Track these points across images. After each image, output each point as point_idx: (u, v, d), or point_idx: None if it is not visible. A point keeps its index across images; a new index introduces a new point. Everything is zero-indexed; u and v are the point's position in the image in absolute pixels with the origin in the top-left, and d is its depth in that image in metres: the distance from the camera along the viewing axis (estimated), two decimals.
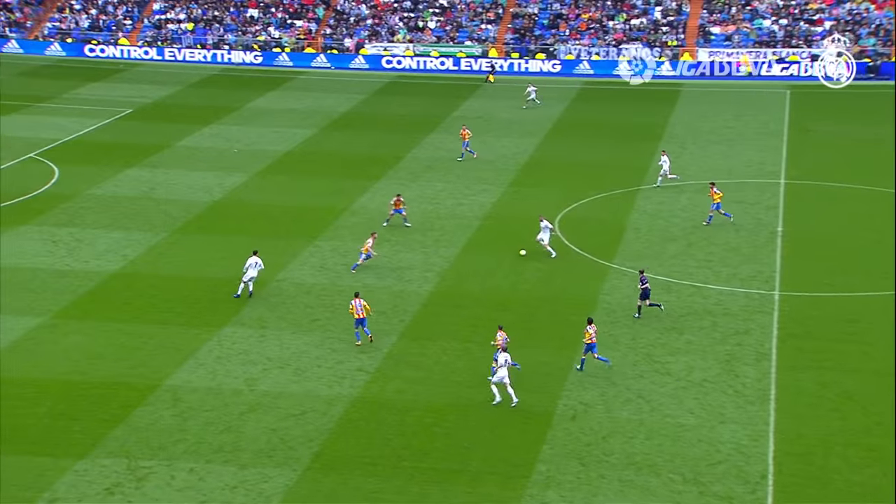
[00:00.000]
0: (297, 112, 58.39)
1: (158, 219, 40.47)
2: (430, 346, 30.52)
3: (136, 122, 55.32)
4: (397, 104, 61.04)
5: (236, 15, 74.60)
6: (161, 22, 73.96)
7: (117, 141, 51.62)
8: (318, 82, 66.25)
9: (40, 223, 39.35)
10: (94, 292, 33.63)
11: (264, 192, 43.61)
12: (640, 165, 47.64)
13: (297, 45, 72.14)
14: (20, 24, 73.17)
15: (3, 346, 29.65)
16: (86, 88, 62.47)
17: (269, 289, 34.21)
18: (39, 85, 62.83)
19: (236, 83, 65.59)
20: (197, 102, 60.24)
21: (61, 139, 51.08)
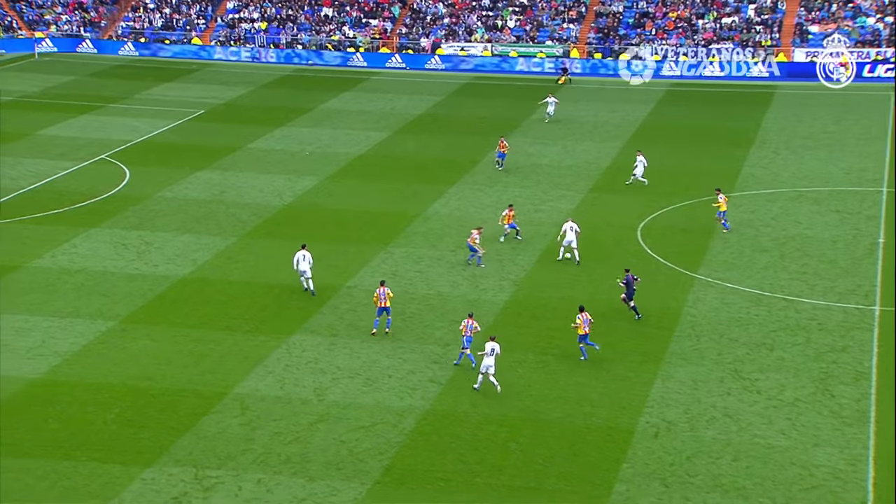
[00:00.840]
0: (371, 114, 58.89)
1: (228, 222, 41.19)
2: (505, 356, 30.38)
3: (207, 124, 56.45)
4: (474, 106, 61.13)
5: (310, 13, 75.66)
6: (234, 21, 75.41)
7: (188, 142, 52.73)
8: (392, 83, 66.78)
9: (111, 226, 40.37)
10: (163, 297, 34.36)
11: (335, 197, 44.05)
12: (730, 172, 46.86)
13: (371, 45, 72.83)
14: (94, 23, 75.35)
15: (74, 350, 30.47)
16: (158, 89, 64.00)
17: (339, 296, 34.52)
18: (112, 85, 64.58)
19: (309, 83, 66.48)
20: (269, 103, 61.22)
21: (133, 140, 52.37)
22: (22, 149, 50.34)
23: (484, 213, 42.68)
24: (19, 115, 56.32)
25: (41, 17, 75.00)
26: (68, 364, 29.63)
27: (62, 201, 42.58)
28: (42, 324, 31.90)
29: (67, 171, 46.88)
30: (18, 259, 36.65)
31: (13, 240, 38.65)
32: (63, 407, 27.46)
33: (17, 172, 46.54)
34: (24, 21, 74.62)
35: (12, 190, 43.83)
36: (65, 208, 41.63)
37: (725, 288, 34.88)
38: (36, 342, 30.77)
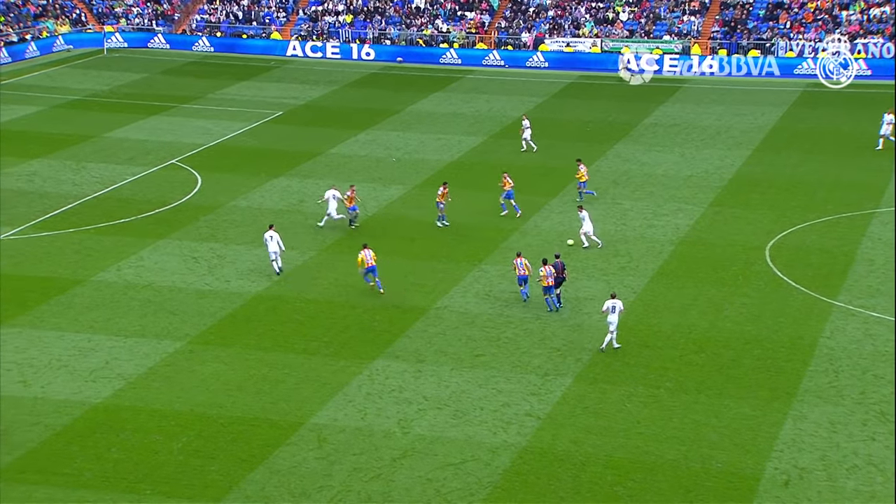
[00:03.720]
0: (465, 116, 59.23)
1: (307, 235, 41.87)
2: (611, 390, 30.17)
3: (285, 126, 57.54)
4: (580, 108, 60.98)
5: (400, 5, 76.61)
6: (317, 14, 76.82)
7: (265, 147, 53.81)
8: (489, 83, 67.07)
9: (180, 237, 41.42)
10: (236, 316, 35.08)
11: (424, 208, 44.36)
12: (876, 185, 45.70)
13: (466, 41, 73.33)
14: (167, 16, 77.55)
15: (139, 372, 31.30)
16: (233, 88, 65.53)
17: (427, 318, 34.76)
18: (184, 84, 66.38)
19: (397, 83, 67.25)
20: (353, 104, 62.13)
21: (205, 144, 53.69)
22: (87, 152, 52.05)
23: None
24: (86, 116, 58.28)
25: (111, 9, 77.54)
26: (133, 388, 30.46)
27: (129, 210, 43.87)
28: (106, 343, 32.87)
29: (135, 178, 48.29)
30: (82, 272, 37.87)
31: (77, 251, 39.96)
32: (127, 435, 28.21)
33: (82, 178, 48.14)
34: (93, 14, 77.28)
35: (76, 197, 45.35)
36: (131, 217, 42.91)
37: (869, 317, 33.99)
38: (99, 363, 31.72)
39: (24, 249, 40.01)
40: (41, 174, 48.42)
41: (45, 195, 45.62)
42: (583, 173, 44.65)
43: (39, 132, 55.16)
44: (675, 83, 65.72)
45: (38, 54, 71.65)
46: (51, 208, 43.74)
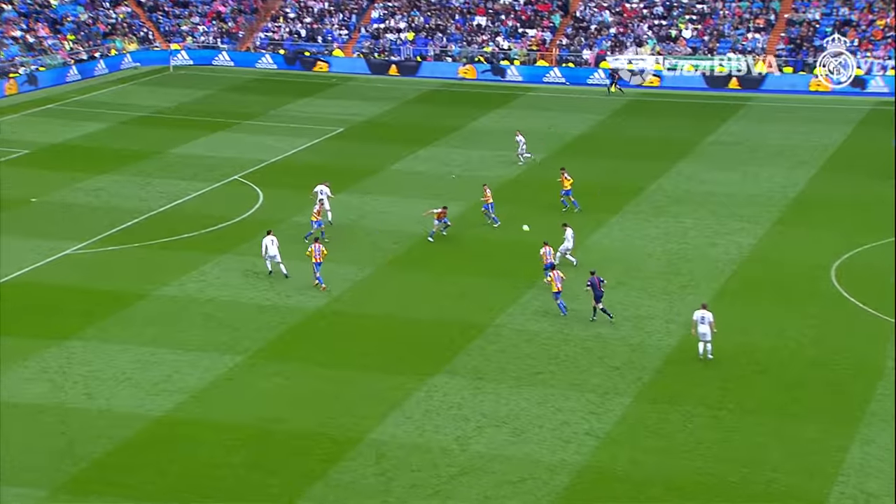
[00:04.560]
0: (526, 134, 59.13)
1: (366, 251, 42.11)
2: (672, 410, 29.90)
3: (346, 143, 58.00)
4: (641, 126, 60.70)
5: (462, 23, 76.93)
6: (379, 31, 77.42)
7: (326, 163, 54.25)
8: (549, 100, 67.04)
9: (242, 252, 41.86)
10: (295, 330, 35.36)
11: (484, 225, 44.42)
12: None
13: (528, 58, 73.41)
14: (232, 34, 78.69)
15: (201, 386, 31.65)
16: (295, 105, 66.22)
17: (486, 335, 34.75)
18: (248, 100, 67.23)
19: (458, 99, 67.48)
20: (413, 121, 62.44)
21: (267, 160, 54.28)
22: (153, 168, 52.89)
23: (651, 245, 42.20)
24: (151, 132, 59.27)
25: (178, 27, 78.85)
26: (195, 401, 30.82)
27: (192, 225, 44.47)
28: (168, 357, 33.32)
29: (198, 193, 48.95)
30: (146, 286, 38.46)
31: (141, 265, 40.60)
32: (188, 448, 28.52)
33: (147, 193, 48.92)
34: (160, 32, 78.65)
35: (142, 212, 46.08)
36: (194, 233, 43.50)
37: None
38: (161, 377, 32.14)
39: (92, 263, 40.74)
40: (108, 189, 49.30)
41: (111, 210, 46.44)
42: (566, 180, 45.37)
43: (107, 148, 56.18)
44: (740, 101, 65.15)
45: (107, 72, 73.05)
46: (117, 223, 44.50)
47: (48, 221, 44.75)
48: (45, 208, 46.43)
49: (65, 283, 38.77)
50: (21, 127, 59.67)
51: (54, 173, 51.15)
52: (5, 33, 70.96)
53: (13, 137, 57.30)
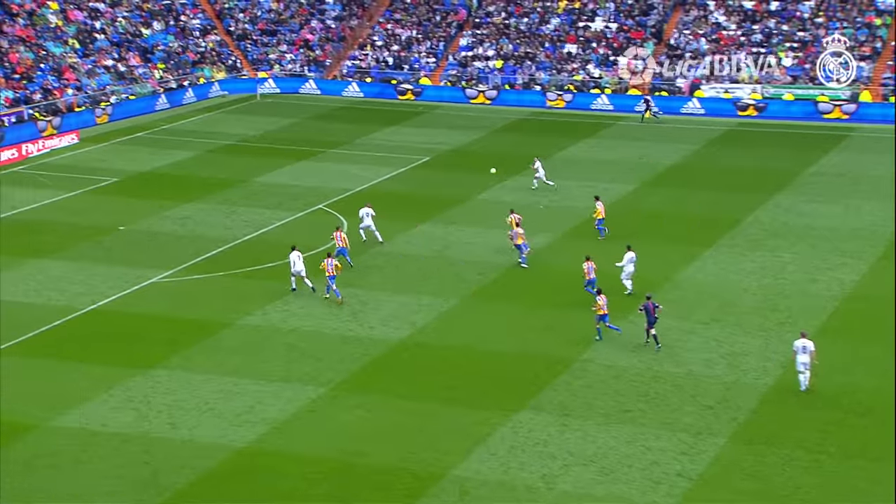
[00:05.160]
0: (615, 164, 59.00)
1: (450, 282, 42.27)
2: (768, 452, 29.33)
3: (432, 172, 58.41)
4: (738, 156, 60.03)
5: (551, 51, 77.09)
6: (467, 59, 77.98)
7: (411, 192, 54.69)
8: (641, 129, 66.71)
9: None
10: (378, 362, 35.59)
11: (570, 257, 44.19)
12: None
13: (619, 86, 73.20)
14: (319, 62, 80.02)
15: (283, 417, 31.97)
16: (381, 133, 66.97)
17: (572, 370, 34.56)
18: (333, 129, 68.17)
19: (546, 128, 67.52)
20: (501, 149, 62.58)
21: (352, 189, 54.90)
22: (238, 196, 53.87)
23: (746, 279, 41.64)
24: (237, 161, 60.42)
25: (265, 56, 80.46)
26: (277, 432, 31.16)
27: (276, 254, 45.09)
28: (251, 387, 33.78)
29: (283, 222, 49.71)
30: (230, 315, 39.11)
31: (225, 294, 41.32)
32: (269, 480, 28.80)
33: (232, 222, 49.82)
34: (247, 61, 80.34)
35: (226, 241, 46.93)
36: (278, 262, 44.11)
37: None
38: (244, 407, 32.58)
39: (177, 292, 41.59)
40: (194, 218, 50.33)
41: (197, 238, 47.38)
42: (600, 210, 45.82)
43: (194, 176, 57.42)
44: (843, 131, 64.04)
45: (195, 100, 74.78)
46: (202, 251, 45.38)
47: (135, 249, 45.83)
48: (132, 236, 47.58)
49: (150, 311, 39.62)
50: (110, 155, 61.34)
51: (142, 201, 52.42)
52: (97, 62, 73.15)
53: (103, 166, 58.90)
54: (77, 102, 68.12)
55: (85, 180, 55.60)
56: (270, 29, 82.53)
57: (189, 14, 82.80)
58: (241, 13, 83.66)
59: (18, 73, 67.97)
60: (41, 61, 70.08)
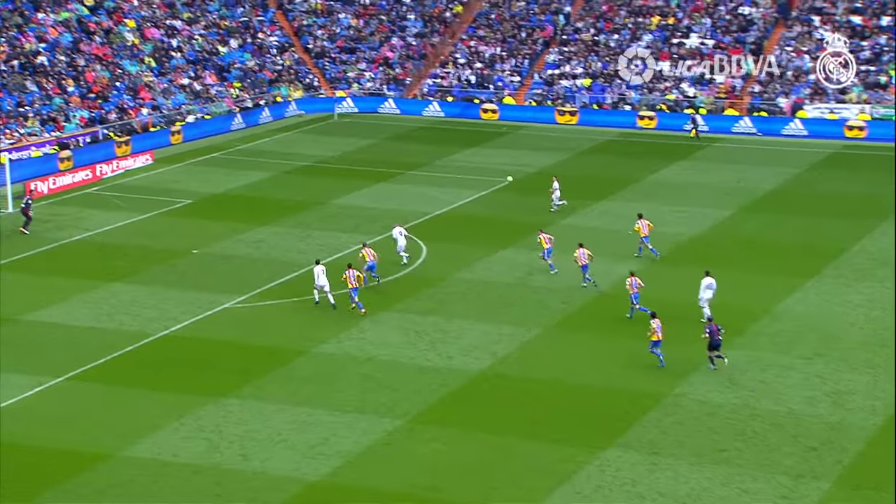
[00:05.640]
0: (710, 187, 58.33)
1: (534, 310, 42.06)
2: (878, 498, 28.59)
3: (515, 195, 58.28)
4: (843, 180, 59.01)
5: (643, 69, 76.69)
6: (553, 77, 77.93)
7: (493, 216, 54.64)
8: (739, 151, 65.95)
9: (402, 309, 42.43)
10: (457, 394, 35.51)
11: (661, 285, 43.73)
12: None
13: (715, 106, 72.49)
14: (399, 80, 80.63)
15: (358, 450, 31.96)
16: (462, 154, 67.13)
17: (663, 405, 34.11)
18: (413, 150, 68.54)
19: (636, 150, 67.09)
20: (587, 172, 62.32)
21: (431, 212, 55.04)
22: (313, 219, 54.37)
23: (853, 312, 40.79)
24: (313, 182, 61.03)
25: (344, 73, 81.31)
26: (351, 466, 31.19)
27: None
28: (325, 418, 33.91)
29: (360, 246, 49.96)
30: (304, 343, 39.38)
31: (300, 321, 41.62)
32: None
33: (307, 246, 50.27)
34: (325, 79, 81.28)
35: (301, 266, 47.33)
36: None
37: None
38: (318, 439, 32.70)
39: (250, 318, 42.03)
40: (268, 241, 50.89)
41: (271, 262, 47.87)
42: (641, 227, 46.28)
43: (269, 198, 58.11)
44: None
45: (271, 119, 75.81)
46: (276, 276, 45.83)
47: (208, 274, 46.46)
48: (205, 260, 48.27)
49: (222, 337, 40.08)
50: (184, 176, 62.41)
51: (216, 224, 53.17)
52: (173, 81, 74.62)
53: (177, 187, 59.94)
54: (152, 122, 69.49)
55: (158, 202, 56.62)
56: (349, 46, 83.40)
57: (266, 31, 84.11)
58: (319, 30, 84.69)
59: (94, 93, 69.61)
60: (117, 80, 71.70)
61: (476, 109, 76.70)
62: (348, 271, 41.28)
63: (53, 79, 68.66)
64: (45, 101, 66.68)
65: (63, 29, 73.47)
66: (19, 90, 66.31)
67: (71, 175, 60.03)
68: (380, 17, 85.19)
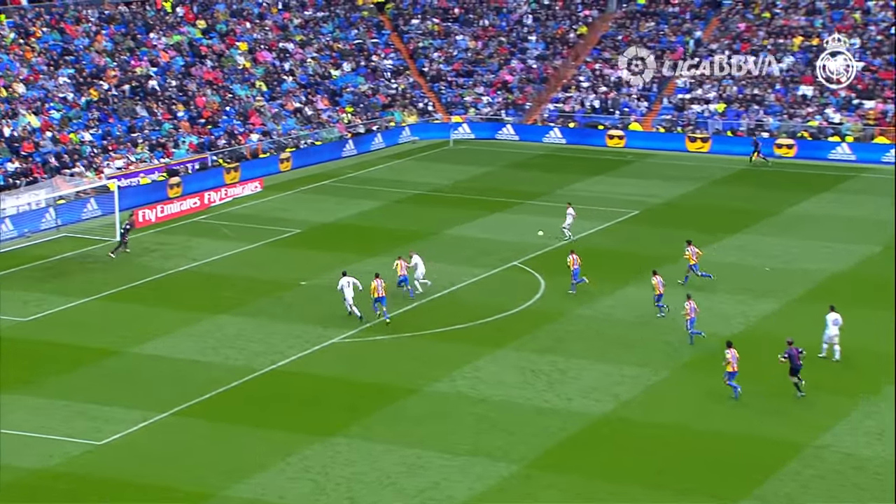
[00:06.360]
0: (857, 221, 57.21)
1: (660, 350, 41.68)
2: None
3: (641, 227, 57.94)
4: None
5: (783, 93, 75.68)
6: (684, 102, 77.38)
7: (616, 248, 54.37)
8: (888, 183, 64.44)
9: (519, 347, 42.41)
10: (576, 439, 35.33)
11: (798, 325, 42.93)
12: None
13: (863, 134, 71.08)
14: (518, 105, 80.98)
15: (471, 496, 31.88)
16: (584, 183, 67.01)
17: (802, 457, 33.43)
18: (531, 178, 68.66)
19: (773, 181, 66.11)
20: (720, 203, 61.62)
21: (551, 245, 55.03)
22: (425, 250, 54.71)
23: None
24: (426, 212, 61.55)
25: (460, 98, 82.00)
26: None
27: (466, 315, 45.55)
28: (436, 461, 34.02)
29: (474, 280, 50.21)
30: (415, 381, 39.64)
31: (411, 357, 41.94)
32: None
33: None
34: (441, 104, 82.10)
35: (413, 299, 47.68)
36: (468, 323, 44.55)
37: None
38: (428, 483, 32.80)
39: (359, 353, 42.50)
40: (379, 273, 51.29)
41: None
42: (691, 255, 47.18)
43: (379, 228, 58.76)
44: None
45: (384, 146, 76.82)
46: (387, 310, 46.23)
47: (316, 306, 47.12)
48: (313, 292, 48.99)
49: (330, 373, 40.60)
50: (293, 204, 63.56)
51: (325, 254, 53.96)
52: (284, 105, 76.20)
53: (285, 216, 61.06)
54: (261, 148, 71.03)
55: (266, 231, 57.74)
56: (467, 69, 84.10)
57: (381, 54, 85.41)
58: (435, 52, 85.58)
59: (204, 118, 71.50)
60: (227, 104, 73.54)
61: (600, 136, 76.56)
62: (376, 280, 43.60)
63: (163, 104, 70.73)
64: (155, 127, 68.71)
65: (174, 52, 75.72)
66: (129, 115, 68.50)
67: (179, 203, 61.63)
68: (499, 38, 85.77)
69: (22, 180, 59.54)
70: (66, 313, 46.28)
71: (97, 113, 67.56)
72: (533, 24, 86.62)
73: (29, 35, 70.81)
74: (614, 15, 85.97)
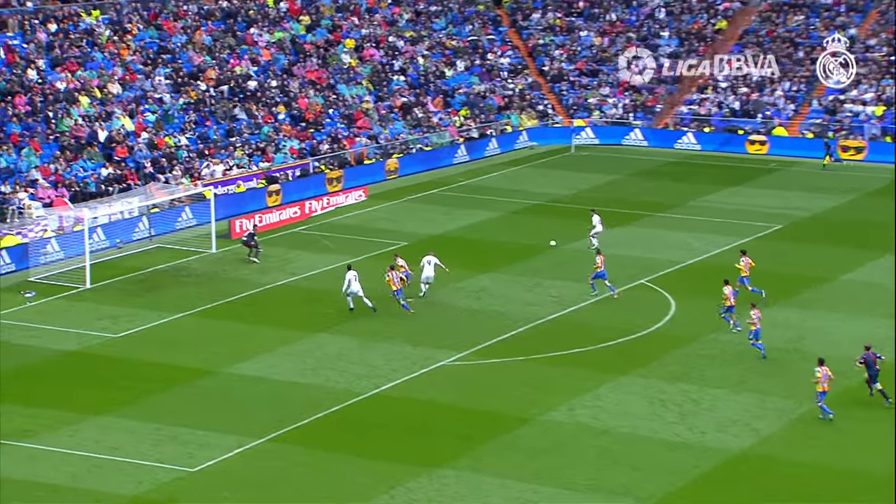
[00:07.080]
0: None
1: (805, 381, 40.76)
2: None
3: (784, 243, 57.13)
4: None
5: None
6: (836, 104, 76.03)
7: (757, 267, 53.43)
8: None
9: (646, 374, 42.09)
10: (712, 476, 34.91)
11: None
12: None
13: None
14: (648, 108, 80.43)
15: None
16: (721, 194, 66.27)
17: None
18: (661, 188, 68.15)
19: None
20: (875, 218, 60.41)
21: (682, 262, 54.48)
22: (542, 266, 54.63)
23: None
24: (544, 224, 61.35)
25: (584, 100, 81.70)
26: None
27: (586, 338, 45.31)
28: (552, 495, 33.83)
29: (596, 299, 49.93)
30: (530, 409, 39.55)
31: (525, 383, 41.84)
32: None
33: (535, 297, 50.56)
34: (562, 106, 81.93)
35: (528, 320, 47.62)
36: (589, 347, 44.30)
37: None
38: None
39: (469, 377, 42.56)
40: (491, 290, 51.44)
41: (493, 315, 48.33)
42: (742, 266, 47.66)
43: (493, 241, 58.81)
44: None
45: (499, 151, 76.90)
46: (500, 331, 46.24)
47: (423, 326, 47.27)
48: (418, 309, 49.11)
49: (438, 399, 40.71)
50: (400, 214, 63.96)
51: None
52: (392, 107, 76.58)
53: (391, 227, 61.45)
54: (367, 153, 71.57)
55: (370, 244, 58.14)
56: (591, 69, 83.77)
57: (497, 52, 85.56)
58: (557, 50, 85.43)
59: (306, 120, 72.33)
60: (331, 106, 74.30)
61: (740, 142, 75.74)
62: (390, 273, 46.79)
63: (264, 105, 71.68)
64: (254, 130, 69.63)
65: (276, 50, 76.80)
66: (228, 118, 69.55)
67: (278, 212, 62.44)
68: (628, 34, 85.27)
69: (115, 186, 60.87)
70: (158, 329, 47.21)
71: (194, 115, 68.74)
72: (666, 17, 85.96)
73: (126, 32, 72.35)
74: (758, 8, 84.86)
